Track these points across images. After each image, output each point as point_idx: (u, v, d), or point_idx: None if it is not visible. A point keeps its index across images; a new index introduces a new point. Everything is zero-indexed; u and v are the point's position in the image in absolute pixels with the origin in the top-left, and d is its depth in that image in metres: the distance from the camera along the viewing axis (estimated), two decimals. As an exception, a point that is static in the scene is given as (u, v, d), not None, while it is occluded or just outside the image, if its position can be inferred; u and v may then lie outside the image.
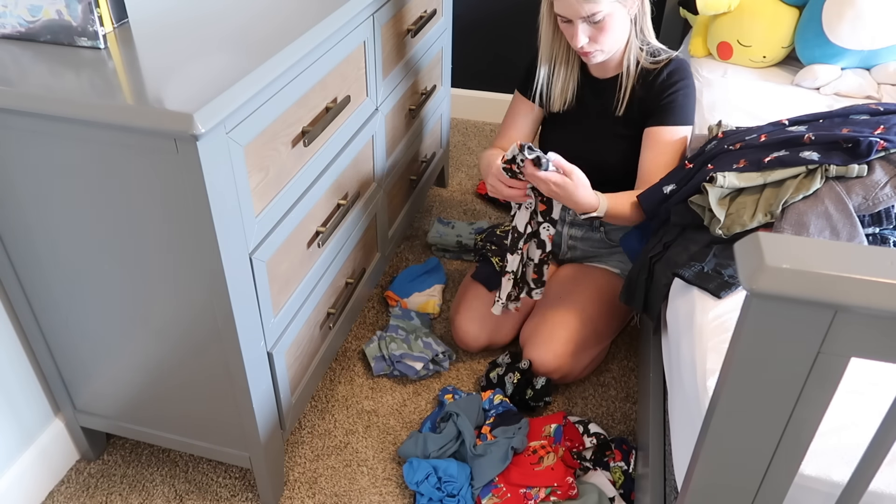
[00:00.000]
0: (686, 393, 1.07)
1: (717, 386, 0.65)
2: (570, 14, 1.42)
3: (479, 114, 2.82)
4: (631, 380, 1.69)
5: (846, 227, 1.11)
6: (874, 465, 0.64)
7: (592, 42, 1.45)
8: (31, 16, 1.05)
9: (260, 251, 1.13)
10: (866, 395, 0.95)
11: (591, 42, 1.45)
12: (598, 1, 1.38)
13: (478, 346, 1.69)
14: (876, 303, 0.52)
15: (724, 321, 1.10)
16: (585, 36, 1.44)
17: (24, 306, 1.22)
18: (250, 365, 1.17)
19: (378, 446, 1.52)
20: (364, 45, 1.42)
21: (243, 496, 1.42)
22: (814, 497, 0.88)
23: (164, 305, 1.13)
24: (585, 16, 1.40)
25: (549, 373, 1.58)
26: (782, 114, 1.57)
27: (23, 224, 1.10)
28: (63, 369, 1.31)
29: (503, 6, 2.52)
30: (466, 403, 1.54)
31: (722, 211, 1.21)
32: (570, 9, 1.41)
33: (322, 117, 1.27)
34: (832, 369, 0.58)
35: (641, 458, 1.40)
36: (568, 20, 1.44)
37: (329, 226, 1.35)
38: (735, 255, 0.56)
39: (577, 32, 1.43)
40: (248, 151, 1.04)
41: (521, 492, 1.38)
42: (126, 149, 0.95)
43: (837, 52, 1.87)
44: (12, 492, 1.32)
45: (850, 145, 1.18)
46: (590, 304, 1.63)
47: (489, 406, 1.54)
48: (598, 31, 1.43)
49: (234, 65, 1.02)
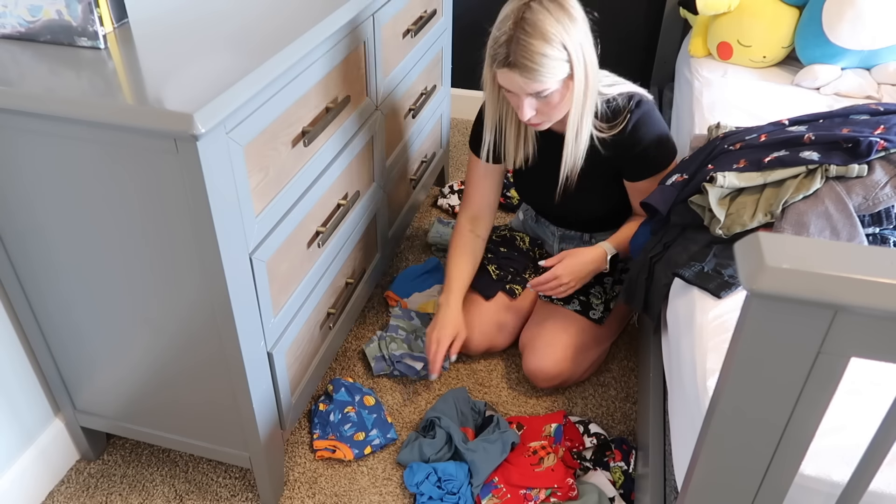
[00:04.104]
0: (686, 393, 1.07)
1: (717, 386, 0.65)
2: (514, 90, 1.32)
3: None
4: (631, 380, 1.69)
5: (846, 227, 1.11)
6: (874, 465, 0.64)
7: (540, 114, 1.36)
8: (31, 16, 1.05)
9: (260, 251, 1.13)
10: (866, 395, 0.95)
11: (538, 114, 1.36)
12: (544, 81, 1.28)
13: (478, 351, 1.69)
14: (876, 303, 0.52)
15: (724, 321, 1.10)
16: (532, 109, 1.34)
17: (24, 306, 1.22)
18: (250, 365, 1.17)
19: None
20: (364, 45, 1.42)
21: (243, 496, 1.42)
22: (814, 497, 0.88)
23: (164, 305, 1.13)
24: (533, 93, 1.31)
25: (550, 379, 1.57)
26: (782, 114, 1.57)
27: (23, 224, 1.10)
28: (63, 369, 1.31)
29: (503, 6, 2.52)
30: (443, 404, 1.55)
31: (722, 211, 1.21)
32: (515, 86, 1.31)
33: (322, 117, 1.27)
34: (832, 369, 0.58)
35: (641, 458, 1.40)
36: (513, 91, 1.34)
37: (329, 226, 1.35)
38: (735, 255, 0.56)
39: (524, 106, 1.33)
40: (248, 151, 1.04)
41: (521, 492, 1.38)
42: (126, 149, 0.95)
43: (837, 52, 1.87)
44: (12, 492, 1.32)
45: (850, 145, 1.18)
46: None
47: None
48: (547, 104, 1.34)
49: (235, 65, 1.02)
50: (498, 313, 1.68)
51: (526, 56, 1.25)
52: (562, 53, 1.27)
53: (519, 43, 1.25)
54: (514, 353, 1.74)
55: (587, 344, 1.60)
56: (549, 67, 1.26)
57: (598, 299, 1.65)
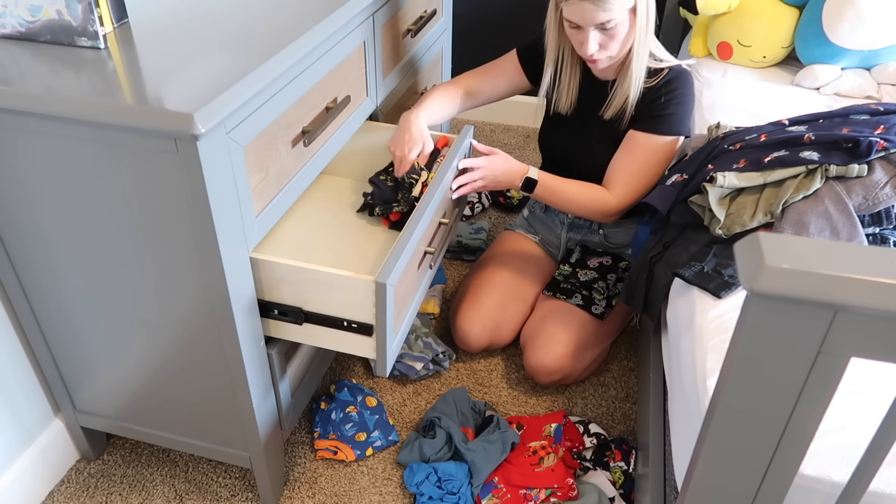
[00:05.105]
0: (686, 393, 1.07)
1: (717, 386, 0.65)
2: (582, 21, 1.38)
3: (479, 114, 2.82)
4: (631, 380, 1.69)
5: (846, 227, 1.11)
6: (874, 465, 0.64)
7: (602, 49, 1.42)
8: (31, 16, 1.05)
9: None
10: (866, 395, 0.95)
11: (600, 49, 1.42)
12: (612, 9, 1.34)
13: (479, 346, 1.69)
14: (876, 303, 0.52)
15: (724, 321, 1.10)
16: (596, 43, 1.40)
17: (24, 306, 1.22)
18: (250, 365, 1.16)
19: (378, 446, 1.52)
20: (364, 45, 1.42)
21: (243, 496, 1.42)
22: (814, 497, 0.88)
23: (164, 305, 1.13)
24: (599, 23, 1.37)
25: (550, 374, 1.58)
26: (782, 114, 1.57)
27: (23, 224, 1.10)
28: (63, 369, 1.31)
29: (503, 6, 2.52)
30: (443, 404, 1.55)
31: (722, 211, 1.21)
32: (584, 16, 1.36)
33: (322, 117, 1.27)
34: (832, 369, 0.58)
35: (641, 458, 1.40)
36: (577, 26, 1.40)
37: (329, 226, 1.35)
38: (735, 255, 0.56)
39: (588, 40, 1.39)
40: (248, 151, 1.04)
41: (521, 492, 1.38)
42: (126, 149, 0.95)
43: (837, 52, 1.87)
44: (12, 492, 1.32)
45: (850, 145, 1.18)
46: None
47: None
48: (609, 38, 1.40)
49: (235, 65, 1.02)
50: (498, 310, 1.68)
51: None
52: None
53: None
54: (514, 352, 1.74)
55: (588, 340, 1.60)
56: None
57: (600, 294, 1.65)
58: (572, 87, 1.59)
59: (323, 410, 1.55)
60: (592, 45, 1.40)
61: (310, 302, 1.17)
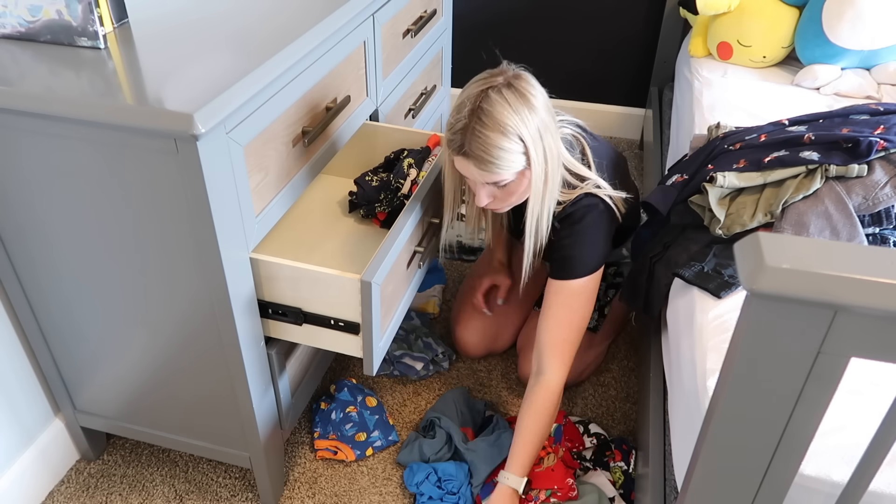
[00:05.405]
0: (686, 393, 1.07)
1: (717, 385, 0.65)
2: (471, 178, 1.26)
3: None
4: (631, 380, 1.69)
5: (846, 227, 1.11)
6: (874, 465, 0.64)
7: (498, 201, 1.29)
8: (31, 16, 1.05)
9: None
10: (866, 395, 0.95)
11: (495, 201, 1.29)
12: (502, 172, 1.21)
13: (478, 354, 1.69)
14: (876, 303, 0.52)
15: (724, 321, 1.10)
16: (489, 197, 1.27)
17: (24, 306, 1.22)
18: (250, 365, 1.16)
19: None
20: (364, 45, 1.42)
21: (243, 496, 1.42)
22: (814, 497, 0.88)
23: (164, 305, 1.13)
24: (488, 183, 1.24)
25: None
26: (782, 114, 1.57)
27: (23, 224, 1.10)
28: (63, 369, 1.31)
29: (503, 6, 2.52)
30: (443, 404, 1.55)
31: (722, 211, 1.21)
32: (472, 174, 1.24)
33: (322, 117, 1.27)
34: (832, 369, 0.58)
35: (641, 458, 1.40)
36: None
37: (329, 226, 1.35)
38: (735, 255, 0.56)
39: (480, 194, 1.27)
40: (248, 151, 1.04)
41: (521, 492, 1.38)
42: (126, 149, 0.95)
43: (837, 52, 1.87)
44: (12, 492, 1.32)
45: (850, 145, 1.18)
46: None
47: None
48: (504, 192, 1.27)
49: (235, 65, 1.02)
50: (497, 318, 1.68)
51: (481, 148, 1.18)
52: (518, 146, 1.19)
53: (474, 133, 1.18)
54: (515, 353, 1.74)
55: (583, 348, 1.59)
56: (505, 160, 1.19)
57: None
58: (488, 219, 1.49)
59: (323, 410, 1.55)
60: (484, 199, 1.28)
61: (307, 301, 1.17)
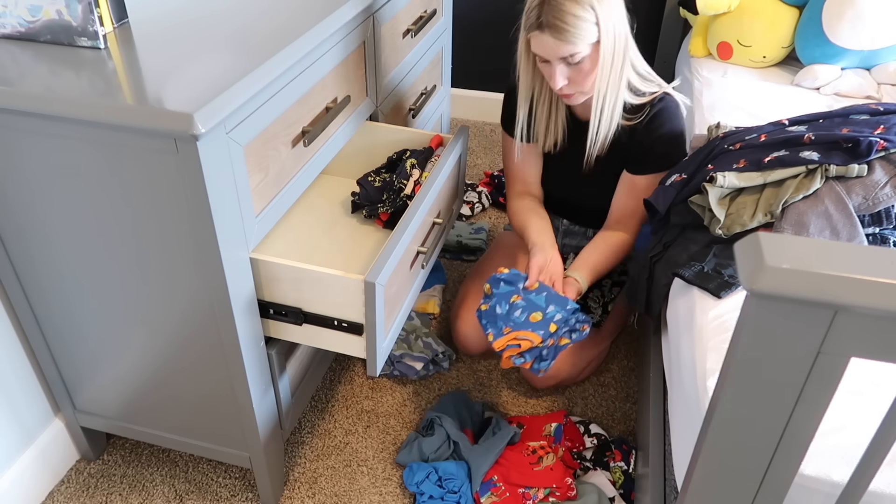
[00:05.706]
0: (686, 393, 1.07)
1: (717, 386, 0.65)
2: (546, 55, 1.31)
3: (479, 114, 2.82)
4: (631, 380, 1.69)
5: (846, 227, 1.11)
6: (874, 465, 0.64)
7: (572, 84, 1.35)
8: (31, 16, 1.05)
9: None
10: (866, 395, 0.95)
11: (570, 84, 1.35)
12: (576, 42, 1.27)
13: (479, 350, 1.69)
14: (876, 303, 0.52)
15: (724, 321, 1.10)
16: (564, 78, 1.33)
17: (24, 306, 1.22)
18: (250, 365, 1.16)
19: (378, 446, 1.52)
20: (364, 45, 1.42)
21: (243, 496, 1.42)
22: (814, 497, 0.88)
23: (164, 305, 1.13)
24: (563, 56, 1.30)
25: (546, 380, 1.57)
26: (782, 114, 1.56)
27: (23, 224, 1.10)
28: (63, 369, 1.31)
29: (503, 6, 2.52)
30: (443, 406, 1.55)
31: (722, 211, 1.21)
32: (547, 49, 1.30)
33: (322, 117, 1.27)
34: (832, 369, 0.58)
35: (641, 458, 1.40)
36: (546, 60, 1.34)
37: (329, 226, 1.35)
38: (735, 255, 0.56)
39: (555, 74, 1.32)
40: (248, 151, 1.04)
41: (519, 491, 1.38)
42: (126, 149, 0.95)
43: (837, 52, 1.87)
44: (12, 492, 1.32)
45: (850, 145, 1.18)
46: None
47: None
48: (578, 72, 1.33)
49: (235, 65, 1.02)
50: None
51: (557, 16, 1.26)
52: (591, 15, 1.27)
53: (550, 4, 1.27)
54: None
55: (584, 345, 1.60)
56: (580, 28, 1.27)
57: (595, 303, 1.65)
58: (552, 126, 1.51)
59: (485, 311, 1.42)
60: (560, 80, 1.33)
61: (308, 302, 1.17)
